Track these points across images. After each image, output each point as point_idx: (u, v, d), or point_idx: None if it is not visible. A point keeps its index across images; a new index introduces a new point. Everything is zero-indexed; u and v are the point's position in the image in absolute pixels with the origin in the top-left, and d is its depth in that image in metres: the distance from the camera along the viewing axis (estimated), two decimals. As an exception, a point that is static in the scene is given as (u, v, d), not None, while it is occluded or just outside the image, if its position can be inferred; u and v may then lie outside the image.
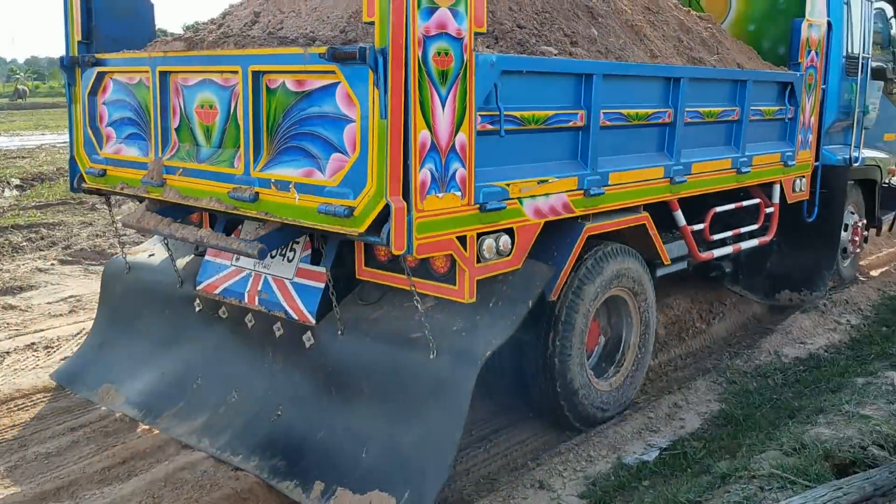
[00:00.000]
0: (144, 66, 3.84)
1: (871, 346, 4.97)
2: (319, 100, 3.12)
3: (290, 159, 3.26)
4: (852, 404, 3.55)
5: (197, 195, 3.63)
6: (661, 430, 4.05)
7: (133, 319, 4.61)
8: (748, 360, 4.97)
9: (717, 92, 4.67)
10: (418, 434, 3.26)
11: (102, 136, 4.24)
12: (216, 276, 4.19)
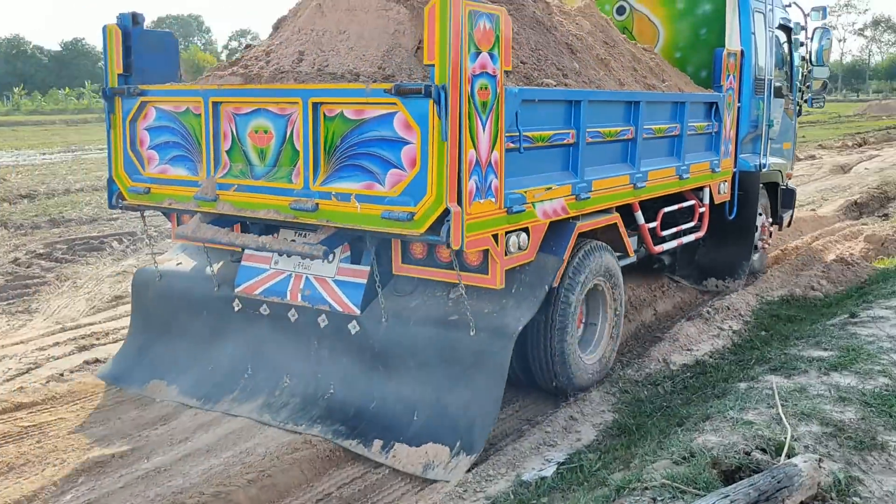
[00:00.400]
0: (196, 97, 4.40)
1: (752, 351, 5.18)
2: (377, 126, 3.81)
3: (348, 175, 3.91)
4: (736, 410, 3.68)
5: (253, 207, 4.21)
6: (559, 443, 4.10)
7: (170, 322, 5.10)
8: (639, 369, 5.10)
9: (665, 112, 5.60)
10: (464, 397, 3.99)
11: (144, 158, 4.74)
12: (255, 278, 4.74)
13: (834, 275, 7.34)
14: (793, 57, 8.03)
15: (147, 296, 5.25)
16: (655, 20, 6.92)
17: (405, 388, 4.18)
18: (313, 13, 4.63)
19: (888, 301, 5.62)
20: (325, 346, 4.49)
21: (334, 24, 4.52)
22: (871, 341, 4.68)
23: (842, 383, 4.01)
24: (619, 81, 5.25)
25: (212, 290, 4.94)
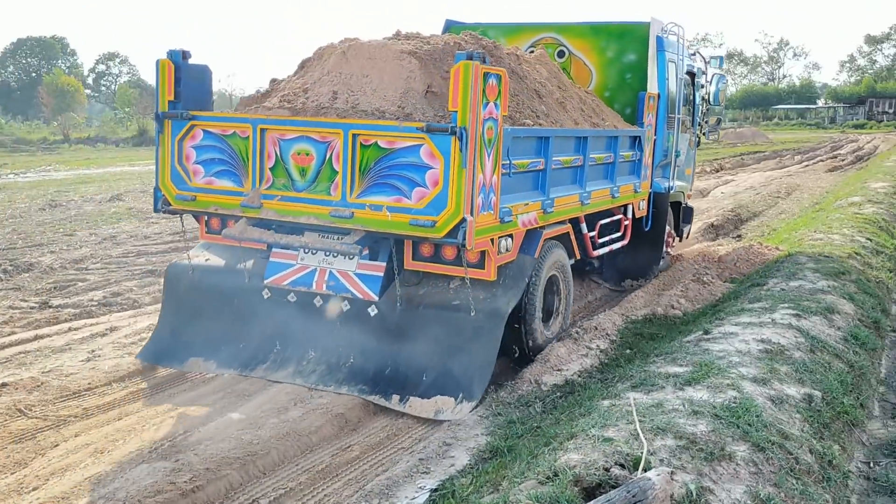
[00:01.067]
0: (244, 124, 5.39)
1: (617, 369, 5.41)
2: (406, 154, 4.92)
3: (380, 190, 5.01)
4: (597, 427, 3.83)
5: (294, 214, 5.25)
6: (432, 470, 4.13)
7: (203, 309, 5.89)
8: (512, 391, 5.22)
9: (604, 144, 6.91)
10: (465, 361, 5.12)
11: (190, 171, 5.64)
12: (283, 271, 5.62)
13: (692, 294, 7.78)
14: (695, 97, 9.50)
15: (179, 287, 6.07)
16: (590, 65, 8.13)
17: (416, 356, 5.25)
18: (339, 59, 5.71)
19: (737, 318, 6.00)
20: (347, 326, 5.50)
21: (358, 69, 5.60)
22: (721, 356, 4.98)
23: (695, 397, 4.25)
24: (573, 120, 6.50)
25: (243, 282, 5.88)
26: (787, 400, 4.42)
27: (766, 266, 8.68)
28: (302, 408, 4.83)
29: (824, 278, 7.32)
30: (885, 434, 4.68)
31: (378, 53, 5.59)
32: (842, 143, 39.68)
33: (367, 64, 5.58)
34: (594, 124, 6.80)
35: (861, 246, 9.25)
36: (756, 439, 3.78)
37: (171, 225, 12.81)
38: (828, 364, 5.17)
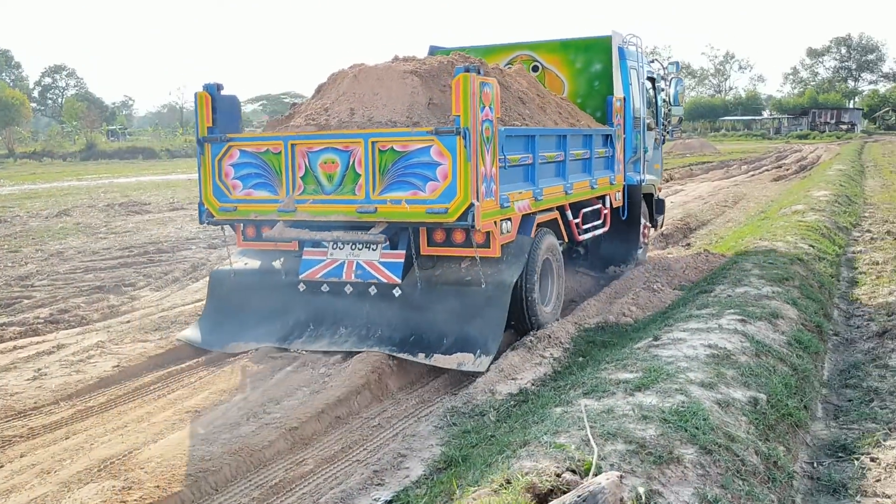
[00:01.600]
0: (276, 141, 6.29)
1: (569, 377, 5.47)
2: (418, 154, 5.85)
3: (398, 187, 5.91)
4: (549, 434, 3.88)
5: (325, 214, 6.15)
6: (387, 481, 4.13)
7: (243, 303, 6.73)
8: (467, 401, 5.24)
9: (581, 142, 7.87)
10: (480, 325, 6.00)
11: (229, 186, 6.51)
12: (315, 266, 6.51)
13: (642, 301, 7.91)
14: (657, 100, 10.54)
15: (222, 288, 6.97)
16: (561, 76, 9.09)
17: (437, 325, 6.11)
18: (352, 81, 6.72)
19: (685, 324, 6.13)
20: (375, 306, 6.37)
21: (369, 89, 6.58)
22: (670, 362, 5.08)
23: (644, 402, 4.33)
24: (554, 122, 7.51)
25: (280, 279, 6.75)
26: (734, 403, 4.52)
27: (714, 273, 8.87)
28: (255, 423, 4.78)
29: (769, 284, 7.51)
30: (827, 434, 4.82)
31: (385, 74, 6.63)
32: (786, 154, 40.78)
33: (376, 84, 6.60)
34: (571, 125, 7.83)
35: (804, 252, 9.52)
36: (703, 442, 3.87)
37: (120, 240, 12.60)
38: (772, 367, 5.31)
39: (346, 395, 5.25)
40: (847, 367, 6.00)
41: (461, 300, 6.16)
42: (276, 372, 5.82)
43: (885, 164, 31.06)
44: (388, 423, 5.06)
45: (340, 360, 5.97)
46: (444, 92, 6.41)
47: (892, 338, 6.42)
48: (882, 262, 9.72)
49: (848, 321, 7.41)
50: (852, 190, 18.86)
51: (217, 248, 11.78)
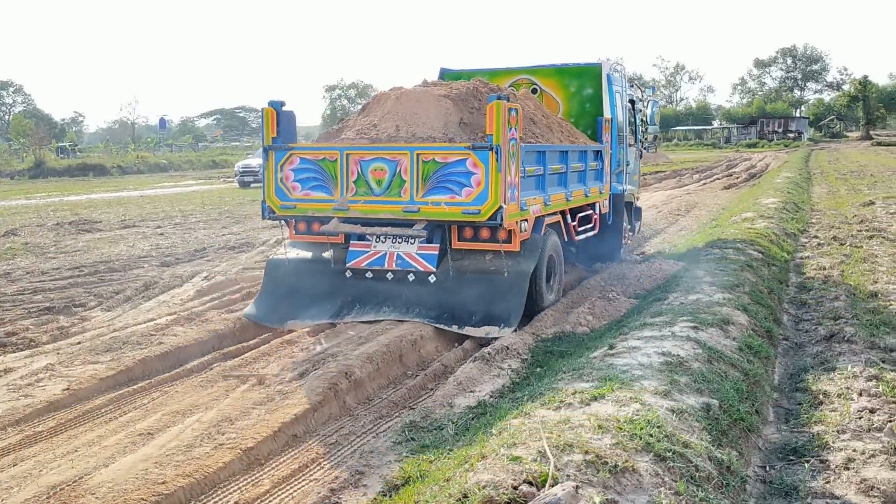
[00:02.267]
0: (333, 151, 7.47)
1: (527, 388, 5.50)
2: (456, 165, 7.04)
3: (438, 191, 7.11)
4: (507, 447, 3.89)
5: (375, 212, 7.33)
6: (345, 500, 4.10)
7: (296, 287, 7.82)
8: (425, 416, 5.23)
9: (580, 156, 9.21)
10: (503, 305, 7.22)
11: (289, 187, 7.65)
12: (360, 256, 7.68)
13: (598, 310, 8.00)
14: (636, 119, 11.96)
15: (277, 273, 8.05)
16: (557, 98, 10.28)
17: (467, 304, 7.31)
18: (395, 102, 7.99)
19: (640, 332, 6.21)
20: (413, 290, 7.54)
21: (410, 109, 7.81)
22: (625, 370, 5.14)
23: (601, 412, 4.37)
24: (558, 140, 8.83)
25: (329, 267, 7.90)
26: (688, 410, 4.58)
27: (667, 281, 9.01)
28: (209, 443, 4.70)
29: (720, 291, 7.65)
30: (778, 438, 4.92)
31: (423, 97, 7.88)
32: (736, 162, 41.63)
33: (415, 105, 7.84)
34: (570, 142, 9.15)
35: (754, 259, 9.72)
36: (658, 450, 3.91)
37: (69, 260, 12.33)
38: (724, 373, 5.40)
39: (303, 412, 5.19)
40: (797, 370, 6.13)
41: (487, 285, 7.39)
42: (230, 391, 5.73)
43: (830, 171, 31.92)
44: (345, 439, 5.02)
45: (297, 377, 5.91)
46: (472, 113, 7.83)
47: (840, 341, 6.58)
48: (829, 266, 9.97)
49: (797, 325, 7.58)
50: (800, 197, 19.34)
51: (170, 266, 11.60)
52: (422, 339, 7.00)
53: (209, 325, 7.61)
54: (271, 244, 14.01)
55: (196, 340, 7.09)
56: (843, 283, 8.92)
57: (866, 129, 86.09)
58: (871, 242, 11.70)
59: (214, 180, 38.42)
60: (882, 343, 6.38)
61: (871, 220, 14.36)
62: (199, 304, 8.78)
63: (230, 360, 6.59)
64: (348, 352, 6.41)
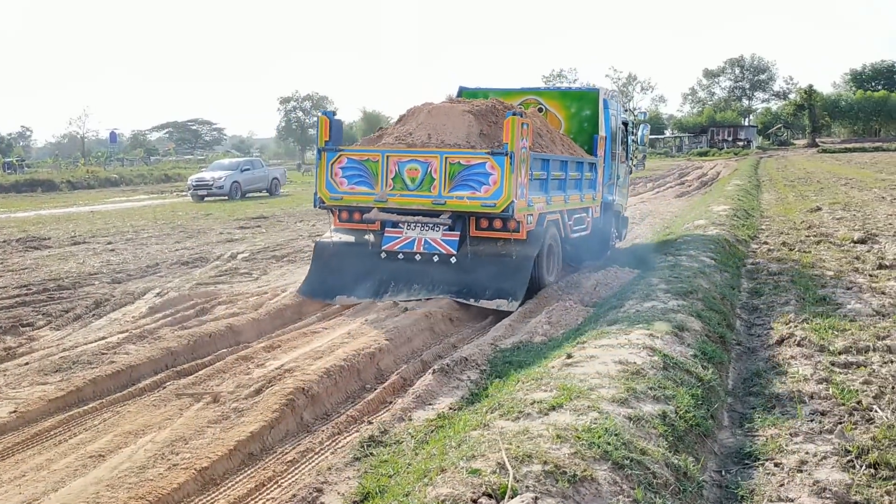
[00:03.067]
0: (376, 153, 9.12)
1: (486, 399, 5.50)
2: (477, 167, 8.62)
3: (461, 188, 8.69)
4: (466, 459, 3.87)
5: (409, 204, 8.99)
6: (303, 518, 4.04)
7: (341, 266, 9.36)
8: (384, 430, 5.18)
9: (577, 167, 10.80)
10: (510, 283, 8.68)
11: (337, 182, 9.30)
12: (394, 241, 9.24)
13: (556, 319, 8.04)
14: (628, 141, 13.64)
15: (324, 254, 9.67)
16: (560, 117, 11.85)
17: (481, 282, 8.85)
18: (427, 115, 9.60)
19: (597, 341, 6.25)
20: (437, 270, 9.09)
21: (439, 121, 9.41)
22: (583, 379, 5.16)
23: (559, 421, 4.38)
24: (560, 151, 10.41)
25: (367, 249, 9.45)
26: (645, 417, 4.62)
27: (623, 289, 9.10)
28: (163, 464, 4.60)
29: (675, 298, 7.76)
30: (733, 443, 4.99)
31: (450, 111, 9.55)
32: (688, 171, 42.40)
33: (444, 118, 9.46)
34: (571, 154, 10.73)
35: (707, 265, 9.88)
36: (616, 458, 3.94)
37: (17, 278, 12.01)
38: (680, 380, 5.46)
39: (259, 430, 5.11)
40: (750, 375, 6.23)
41: (498, 266, 8.92)
42: (184, 410, 5.62)
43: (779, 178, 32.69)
44: (303, 457, 4.95)
45: (253, 394, 5.82)
46: (490, 126, 9.37)
47: (790, 345, 6.72)
48: (779, 272, 10.18)
49: (749, 330, 7.71)
50: (750, 204, 19.75)
51: (121, 283, 11.36)
52: (380, 351, 6.96)
53: (162, 342, 7.45)
54: (226, 258, 13.82)
55: (149, 358, 6.94)
56: (793, 287, 9.12)
57: (812, 137, 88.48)
58: (819, 248, 12.00)
59: (167, 194, 37.82)
60: (831, 346, 6.52)
61: (819, 225, 14.73)
62: (152, 322, 8.61)
63: (184, 378, 6.46)
64: (305, 366, 6.34)
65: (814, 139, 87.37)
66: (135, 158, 79.77)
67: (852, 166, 41.49)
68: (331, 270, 9.42)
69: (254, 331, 8.12)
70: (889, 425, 4.79)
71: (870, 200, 19.83)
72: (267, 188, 34.88)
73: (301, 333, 7.84)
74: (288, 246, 15.44)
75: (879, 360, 6.11)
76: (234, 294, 10.08)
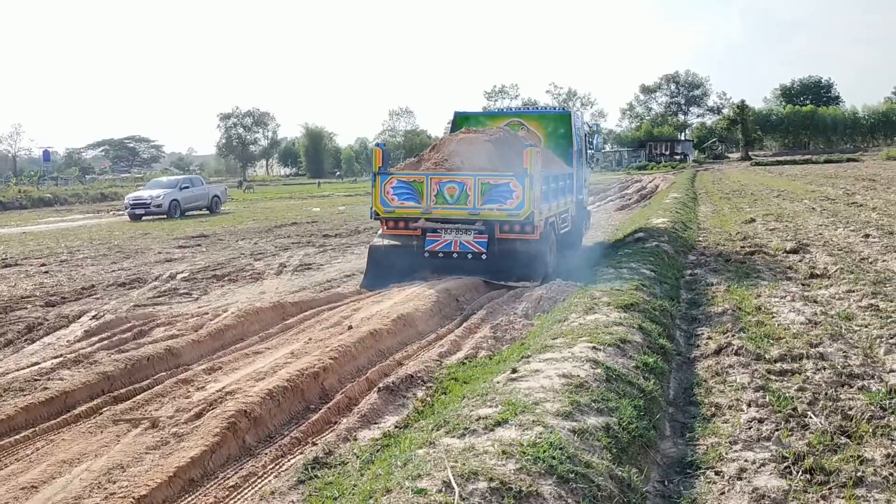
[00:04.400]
0: (421, 175, 11.55)
1: (432, 416, 5.47)
2: (503, 186, 11.18)
3: (491, 202, 11.20)
4: (411, 479, 3.84)
5: (449, 215, 11.40)
6: (246, 544, 3.95)
7: (392, 265, 11.56)
8: (328, 451, 5.11)
9: (564, 178, 13.44)
10: (531, 270, 11.39)
11: (389, 199, 11.59)
12: (435, 243, 11.44)
13: (500, 333, 8.08)
14: (586, 148, 16.11)
15: (377, 255, 11.79)
16: (539, 135, 14.09)
17: (507, 270, 11.29)
18: (456, 144, 12.09)
19: (542, 354, 6.29)
20: (470, 264, 11.30)
21: (466, 149, 11.82)
22: (528, 394, 5.19)
23: (505, 437, 4.39)
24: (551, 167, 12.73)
25: (411, 250, 11.62)
26: (589, 430, 4.67)
27: (567, 302, 9.20)
28: (99, 494, 4.44)
29: (617, 310, 7.87)
30: (675, 452, 5.07)
31: (474, 140, 12.16)
32: (628, 184, 43.22)
33: (469, 146, 11.96)
34: (558, 168, 13.38)
35: (646, 278, 10.07)
36: (561, 472, 3.96)
37: (-58, 303, 11.53)
38: (623, 392, 5.54)
39: (200, 455, 4.98)
40: (690, 384, 6.36)
41: (519, 259, 11.32)
42: (122, 437, 5.45)
43: (714, 191, 33.57)
44: (245, 481, 4.84)
45: (193, 418, 5.68)
46: (505, 152, 11.85)
47: (728, 354, 6.88)
48: (716, 282, 10.43)
49: (689, 341, 7.87)
50: (687, 216, 20.22)
51: (55, 306, 11.01)
52: (325, 371, 6.87)
53: (98, 367, 7.22)
54: (164, 279, 13.52)
55: (84, 384, 6.71)
56: (730, 297, 9.35)
57: (745, 151, 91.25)
58: (754, 258, 12.35)
59: (104, 214, 36.86)
60: (767, 355, 6.70)
61: (753, 236, 15.16)
62: (88, 346, 8.35)
63: (121, 404, 6.27)
64: (247, 388, 6.22)
65: (747, 152, 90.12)
66: (69, 177, 77.68)
67: (784, 178, 42.90)
68: (384, 267, 11.63)
69: (194, 353, 7.94)
70: (823, 431, 4.93)
71: (801, 211, 20.51)
72: (207, 206, 34.31)
73: (243, 354, 7.70)
74: (229, 265, 15.19)
75: (813, 367, 6.29)
76: (173, 315, 9.85)
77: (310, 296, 10.98)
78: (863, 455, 4.59)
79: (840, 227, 16.03)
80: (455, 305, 10.08)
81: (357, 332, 8.14)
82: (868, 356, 6.63)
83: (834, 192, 27.54)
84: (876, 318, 7.86)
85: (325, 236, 20.84)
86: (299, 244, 18.92)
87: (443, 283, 10.64)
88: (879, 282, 9.73)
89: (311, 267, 14.89)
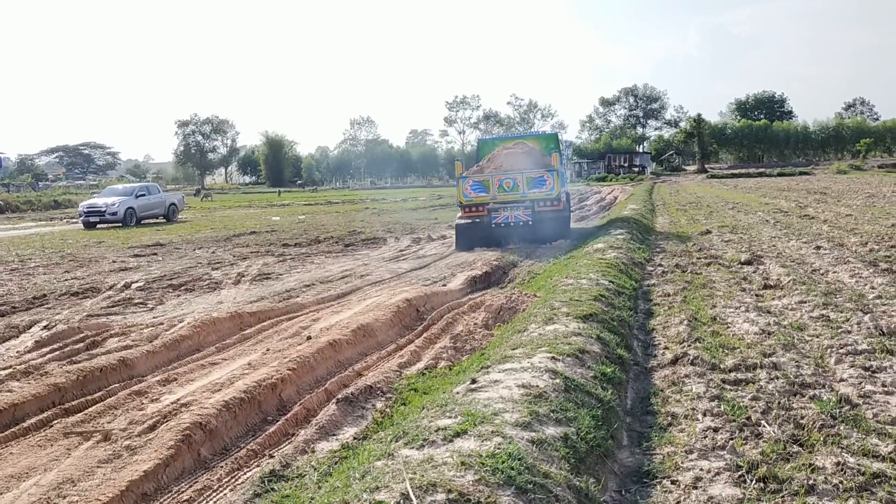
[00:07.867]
0: (486, 176, 18.61)
1: (391, 427, 5.44)
2: (541, 178, 18.44)
3: (535, 188, 18.35)
4: (370, 491, 3.81)
5: (507, 199, 18.35)
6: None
7: (471, 234, 18.44)
8: (285, 464, 5.05)
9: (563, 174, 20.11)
10: (562, 232, 18.74)
11: (469, 192, 18.46)
12: (498, 218, 18.36)
13: (460, 344, 8.08)
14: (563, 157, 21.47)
15: (462, 229, 18.38)
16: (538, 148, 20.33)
17: (546, 233, 18.18)
18: (504, 156, 19.78)
19: (501, 365, 6.31)
20: (521, 230, 18.27)
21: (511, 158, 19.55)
22: (487, 405, 5.19)
23: (464, 448, 4.37)
24: None
25: (480, 224, 18.37)
26: (547, 440, 4.68)
27: (527, 312, 9.24)
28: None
29: (576, 321, 7.93)
30: (632, 462, 5.11)
31: (513, 151, 19.85)
32: (588, 195, 43.68)
33: (512, 156, 19.46)
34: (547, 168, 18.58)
35: (605, 288, 10.17)
36: (520, 482, 3.96)
37: None
38: (582, 402, 5.57)
39: (154, 468, 4.88)
40: (647, 394, 6.42)
41: (552, 225, 18.01)
42: (73, 450, 5.32)
43: (672, 202, 34.10)
44: (200, 495, 4.76)
45: (146, 430, 5.57)
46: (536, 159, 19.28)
47: (684, 364, 6.97)
48: (673, 293, 10.58)
49: (646, 350, 7.96)
50: (645, 227, 20.50)
51: (5, 316, 10.71)
52: (282, 382, 6.81)
53: (49, 378, 7.05)
54: (119, 288, 13.26)
55: (34, 396, 6.55)
56: (686, 308, 9.49)
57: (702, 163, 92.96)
58: (709, 269, 12.55)
59: (57, 222, 36.09)
60: (722, 364, 6.80)
61: (709, 248, 15.42)
62: (38, 356, 8.15)
63: (72, 416, 6.13)
64: (203, 400, 6.13)
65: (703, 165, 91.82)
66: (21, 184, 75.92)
67: (738, 191, 43.76)
68: (467, 237, 18.18)
69: (148, 364, 7.80)
70: (776, 440, 5.02)
71: (755, 223, 20.93)
72: (164, 214, 33.84)
73: (199, 365, 7.58)
74: (186, 274, 14.97)
75: (766, 377, 6.41)
76: (127, 325, 9.67)
77: (268, 306, 10.86)
78: (814, 463, 4.68)
79: (793, 238, 16.39)
80: (415, 315, 10.06)
81: (316, 342, 8.08)
82: (819, 366, 6.77)
83: (787, 204, 28.17)
84: (827, 329, 8.04)
85: (285, 245, 20.68)
86: (258, 253, 18.74)
87: (403, 294, 10.55)
88: (830, 293, 9.95)
89: (270, 277, 14.75)
